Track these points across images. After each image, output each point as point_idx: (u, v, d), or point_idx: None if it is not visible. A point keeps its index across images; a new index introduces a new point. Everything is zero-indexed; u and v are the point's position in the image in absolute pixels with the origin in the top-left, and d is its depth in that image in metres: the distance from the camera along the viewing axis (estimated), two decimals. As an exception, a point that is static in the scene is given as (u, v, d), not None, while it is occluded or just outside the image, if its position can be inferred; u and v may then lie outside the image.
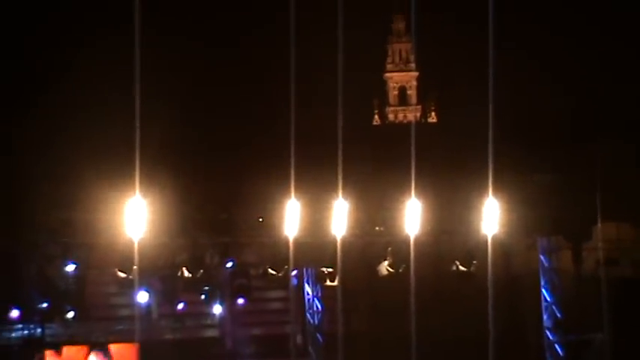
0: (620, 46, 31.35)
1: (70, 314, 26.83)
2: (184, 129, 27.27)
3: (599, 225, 28.46)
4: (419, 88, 55.88)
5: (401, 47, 71.07)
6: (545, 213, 27.92)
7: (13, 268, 25.16)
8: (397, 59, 69.76)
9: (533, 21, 34.28)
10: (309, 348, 30.66)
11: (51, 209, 24.77)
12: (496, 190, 25.44)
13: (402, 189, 25.18)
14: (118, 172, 22.67)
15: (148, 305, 27.77)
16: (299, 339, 30.32)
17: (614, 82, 30.40)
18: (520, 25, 31.84)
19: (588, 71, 31.32)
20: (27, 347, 26.63)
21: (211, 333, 30.61)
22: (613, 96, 30.16)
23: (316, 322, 30.87)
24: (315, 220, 25.38)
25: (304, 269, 29.51)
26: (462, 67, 31.07)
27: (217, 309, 29.55)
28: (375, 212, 26.44)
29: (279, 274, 27.59)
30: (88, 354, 28.88)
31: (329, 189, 24.70)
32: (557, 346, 28.93)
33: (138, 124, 21.61)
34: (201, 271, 26.87)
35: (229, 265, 27.43)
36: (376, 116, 49.09)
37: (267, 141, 24.39)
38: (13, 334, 26.98)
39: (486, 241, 26.12)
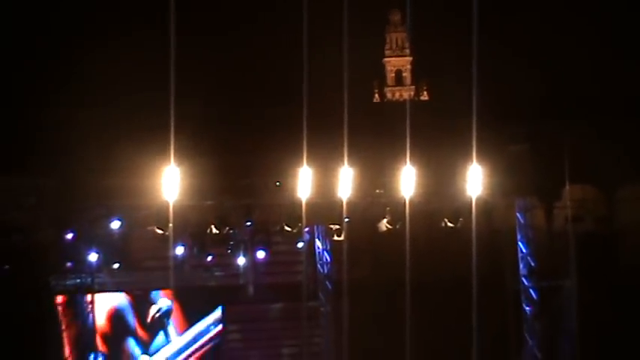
0: (593, 33, 31.15)
1: (116, 265, 27.05)
2: (212, 106, 27.24)
3: (567, 187, 28.59)
4: (412, 71, 55.85)
5: (397, 36, 71.04)
6: (521, 177, 28.03)
7: (69, 227, 25.37)
8: (394, 46, 69.78)
9: (514, 14, 34.06)
10: (319, 293, 30.74)
11: (99, 176, 24.91)
12: (479, 158, 25.57)
13: (399, 157, 25.32)
14: (156, 144, 22.79)
15: (182, 257, 27.90)
16: (310, 286, 30.23)
17: (584, 66, 30.33)
18: (503, 17, 31.68)
19: (561, 57, 31.23)
20: (80, 293, 26.68)
21: (235, 281, 30.44)
22: (582, 79, 30.17)
23: (325, 271, 30.89)
24: (324, 184, 25.45)
25: (315, 226, 29.48)
26: (450, 53, 31.04)
27: (241, 260, 29.51)
28: (375, 177, 26.49)
29: (294, 231, 27.74)
30: (133, 299, 29.30)
31: (336, 157, 24.81)
32: (531, 290, 29.08)
33: (172, 102, 21.81)
34: (227, 228, 27.08)
35: (250, 223, 27.63)
36: (376, 95, 49.16)
37: (284, 117, 24.43)
38: (68, 282, 27.09)
39: (471, 202, 26.27)
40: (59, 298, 27.44)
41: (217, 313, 30.28)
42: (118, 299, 28.91)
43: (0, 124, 24.43)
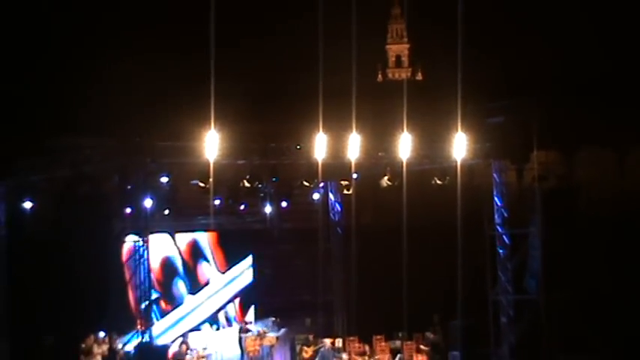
0: (559, 25, 30.93)
1: (166, 211, 27.21)
2: (245, 83, 27.27)
3: (535, 152, 28.67)
4: (410, 56, 55.91)
5: (397, 27, 71.03)
6: (497, 143, 28.12)
7: (128, 179, 25.49)
8: (394, 35, 69.79)
9: (496, 10, 33.84)
10: (331, 237, 30.97)
11: (153, 138, 24.94)
12: (463, 127, 25.71)
13: (397, 125, 25.43)
14: (199, 112, 22.90)
15: (220, 206, 28.07)
16: (324, 231, 30.34)
17: (549, 53, 30.28)
18: (485, 13, 31.52)
19: (530, 47, 31.14)
20: (137, 235, 26.67)
21: (263, 226, 30.67)
22: (546, 64, 30.14)
23: (337, 219, 31.07)
24: (336, 147, 25.55)
25: (328, 182, 29.60)
26: (441, 42, 30.93)
27: (268, 209, 29.90)
28: (378, 142, 26.46)
29: (311, 185, 27.87)
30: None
31: (346, 125, 24.90)
32: (504, 236, 29.15)
33: (213, 78, 21.95)
34: (257, 182, 27.17)
35: (276, 179, 27.77)
36: (379, 75, 49.14)
37: (304, 92, 24.43)
38: (128, 224, 27.09)
39: (456, 163, 26.43)
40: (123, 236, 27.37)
41: (249, 259, 30.45)
42: (168, 243, 29.14)
43: (76, 94, 24.48)
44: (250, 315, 30.14)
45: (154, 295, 27.11)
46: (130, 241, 25.94)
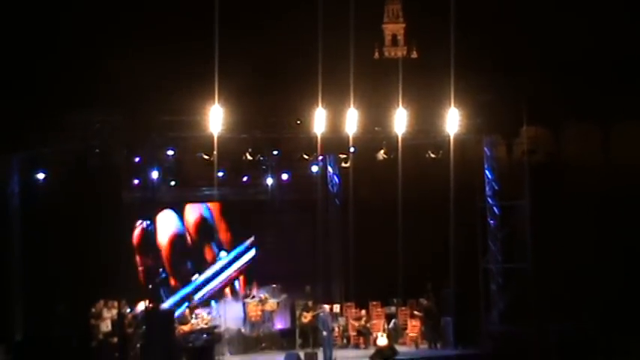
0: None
1: (172, 183, 27.30)
2: (248, 59, 27.24)
3: (524, 127, 28.75)
4: (405, 35, 55.85)
5: (393, 8, 71.01)
6: (488, 119, 28.19)
7: (136, 152, 25.60)
8: (391, 16, 69.79)
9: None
10: (329, 208, 31.04)
11: (160, 113, 24.99)
12: (456, 103, 25.79)
13: (393, 101, 25.48)
14: (204, 88, 22.95)
15: (224, 178, 28.15)
16: (323, 203, 30.30)
17: (538, 33, 30.23)
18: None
19: (521, 26, 31.06)
20: (145, 206, 26.84)
21: (265, 197, 30.56)
22: (535, 43, 30.10)
23: (335, 190, 31.05)
24: (335, 122, 25.64)
25: (327, 155, 29.53)
26: (435, 22, 30.81)
27: (269, 181, 29.90)
28: (375, 117, 26.54)
29: (311, 158, 28.00)
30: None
31: (344, 101, 24.94)
32: (494, 208, 29.30)
33: (217, 56, 21.96)
34: (259, 155, 27.26)
35: (277, 152, 27.91)
36: (376, 53, 49.08)
37: (304, 69, 24.43)
38: (136, 195, 27.19)
39: (449, 138, 26.52)
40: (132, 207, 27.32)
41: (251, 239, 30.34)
42: (176, 221, 29.14)
43: (87, 71, 24.49)
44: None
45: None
46: (139, 225, 26.15)
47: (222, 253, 29.75)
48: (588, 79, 27.94)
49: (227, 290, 29.64)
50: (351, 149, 27.25)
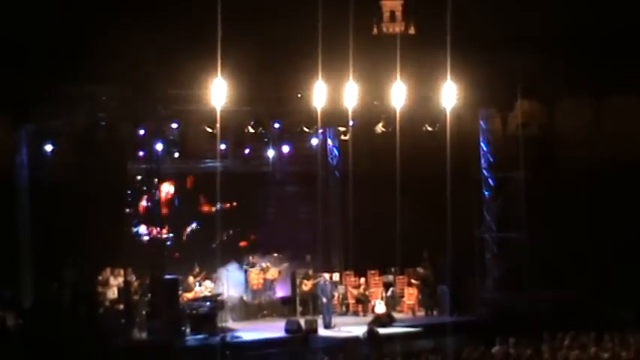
0: None
1: (176, 155, 27.36)
2: (250, 35, 27.06)
3: (519, 101, 28.77)
4: (403, 12, 55.33)
5: (392, -15, 71.13)
6: (484, 93, 28.23)
7: (141, 125, 25.62)
8: (390, -7, 69.87)
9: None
10: (329, 180, 31.17)
11: (164, 86, 25.03)
12: (452, 77, 25.77)
13: (391, 76, 25.47)
14: (207, 62, 22.91)
15: (226, 150, 28.18)
16: (323, 175, 30.37)
17: (533, 7, 29.99)
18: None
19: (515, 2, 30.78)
20: (149, 177, 26.91)
21: (266, 169, 30.64)
22: (531, 17, 29.94)
23: (334, 163, 31.20)
24: (335, 96, 25.65)
25: (327, 128, 29.62)
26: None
27: (270, 153, 30.00)
28: (373, 91, 26.57)
29: (311, 131, 28.07)
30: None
31: (344, 75, 24.92)
32: (489, 179, 29.48)
33: (220, 30, 21.85)
34: (260, 128, 27.31)
35: (278, 125, 27.96)
36: (375, 29, 48.75)
37: (304, 44, 24.34)
38: (141, 166, 27.27)
39: (445, 111, 26.56)
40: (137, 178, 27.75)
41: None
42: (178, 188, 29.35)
43: (93, 44, 24.46)
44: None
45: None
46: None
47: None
48: (581, 55, 27.89)
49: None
50: (350, 123, 27.22)
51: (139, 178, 27.46)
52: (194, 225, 29.61)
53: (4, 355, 22.47)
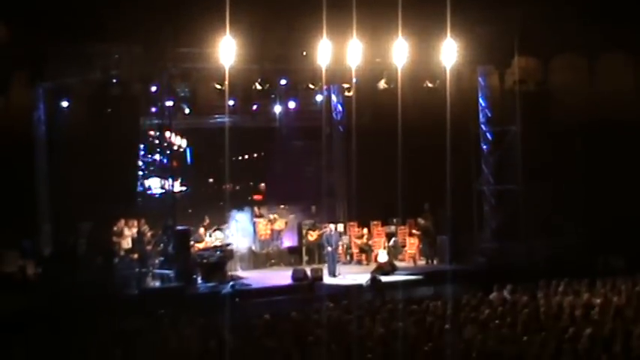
0: None
1: (187, 111, 27.17)
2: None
3: (516, 58, 28.65)
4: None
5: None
6: (483, 50, 28.11)
7: (153, 82, 25.57)
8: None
9: None
10: (333, 135, 31.21)
11: (175, 44, 24.91)
12: (452, 35, 25.60)
13: (393, 33, 25.30)
14: (216, 20, 22.73)
15: (235, 106, 28.05)
16: (327, 130, 30.31)
17: None
18: None
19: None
20: (161, 132, 26.79)
21: (273, 124, 30.72)
22: None
23: (339, 118, 31.30)
24: (339, 53, 25.50)
25: (331, 85, 29.59)
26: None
27: (277, 108, 30.03)
28: (376, 48, 26.43)
29: (316, 88, 27.96)
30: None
31: (347, 33, 24.74)
32: (487, 134, 29.53)
33: None
34: (267, 85, 27.21)
35: (285, 82, 27.82)
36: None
37: (308, 1, 24.04)
38: (154, 122, 27.17)
39: (445, 68, 26.45)
40: (150, 133, 27.74)
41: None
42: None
43: (105, 3, 24.30)
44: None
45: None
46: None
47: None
48: (577, 13, 27.64)
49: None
50: (354, 79, 27.11)
51: (151, 133, 27.25)
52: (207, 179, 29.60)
53: (25, 302, 22.60)
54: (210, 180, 30.83)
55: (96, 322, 18.90)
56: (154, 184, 27.92)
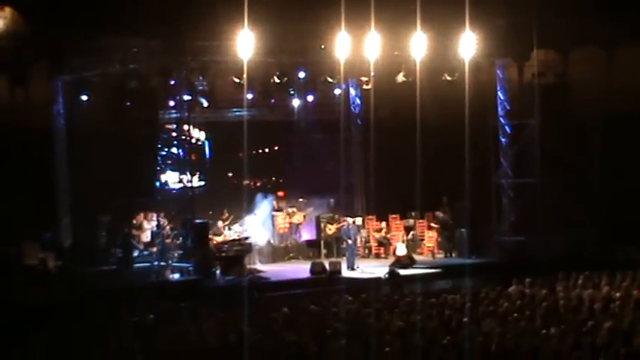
0: None
1: (205, 104, 27.22)
2: None
3: (535, 51, 28.50)
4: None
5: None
6: (501, 43, 27.97)
7: (171, 76, 25.48)
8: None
9: None
10: (352, 128, 31.21)
11: (193, 38, 24.88)
12: (471, 28, 25.49)
13: (411, 26, 25.19)
14: (234, 13, 22.68)
15: (253, 100, 27.95)
16: (346, 123, 30.03)
17: None
18: None
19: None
20: (180, 125, 26.71)
21: (292, 118, 30.73)
22: None
23: (357, 111, 31.35)
24: (357, 47, 25.42)
25: (349, 78, 29.37)
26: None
27: (296, 102, 29.98)
28: (394, 42, 26.33)
29: (334, 81, 27.84)
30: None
31: (366, 26, 24.69)
32: (506, 127, 29.38)
33: None
34: (286, 78, 27.09)
35: (303, 75, 27.66)
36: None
37: None
38: (172, 115, 27.08)
39: (464, 61, 26.34)
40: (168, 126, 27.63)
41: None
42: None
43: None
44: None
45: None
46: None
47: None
48: (596, 4, 27.44)
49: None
50: (372, 73, 26.99)
51: (169, 126, 27.24)
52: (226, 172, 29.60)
53: (45, 294, 22.67)
54: (230, 174, 30.81)
55: (115, 314, 18.90)
56: (173, 178, 27.89)
